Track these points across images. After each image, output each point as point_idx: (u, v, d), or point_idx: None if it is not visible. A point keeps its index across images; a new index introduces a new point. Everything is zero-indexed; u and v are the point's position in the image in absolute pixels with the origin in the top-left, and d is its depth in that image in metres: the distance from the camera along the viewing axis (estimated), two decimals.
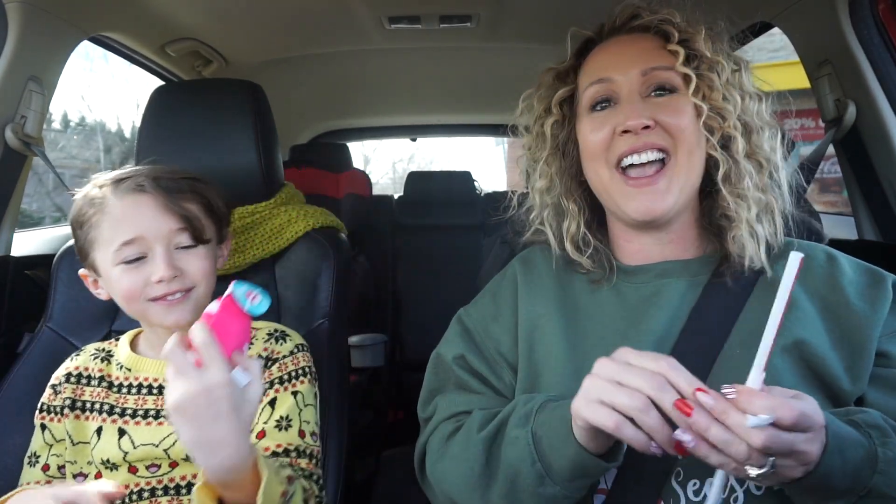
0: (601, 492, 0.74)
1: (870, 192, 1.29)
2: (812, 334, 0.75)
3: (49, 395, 0.96)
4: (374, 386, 2.25)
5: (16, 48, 1.23)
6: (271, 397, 0.92)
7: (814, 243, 0.84)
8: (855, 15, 1.20)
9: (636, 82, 0.80)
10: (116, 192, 0.89)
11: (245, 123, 1.18)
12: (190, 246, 0.91)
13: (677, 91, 0.79)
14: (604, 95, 0.82)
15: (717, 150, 0.78)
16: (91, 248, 0.90)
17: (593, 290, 0.86)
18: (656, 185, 0.78)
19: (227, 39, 1.87)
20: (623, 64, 0.81)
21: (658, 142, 0.78)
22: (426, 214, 2.83)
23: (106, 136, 5.17)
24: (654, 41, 0.81)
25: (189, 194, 0.93)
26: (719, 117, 0.78)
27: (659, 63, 0.79)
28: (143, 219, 0.88)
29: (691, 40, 0.79)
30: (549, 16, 1.68)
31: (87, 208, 0.90)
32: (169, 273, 0.87)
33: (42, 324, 1.16)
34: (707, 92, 0.78)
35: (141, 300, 0.88)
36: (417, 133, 3.50)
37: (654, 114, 0.78)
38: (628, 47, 0.83)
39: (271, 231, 1.19)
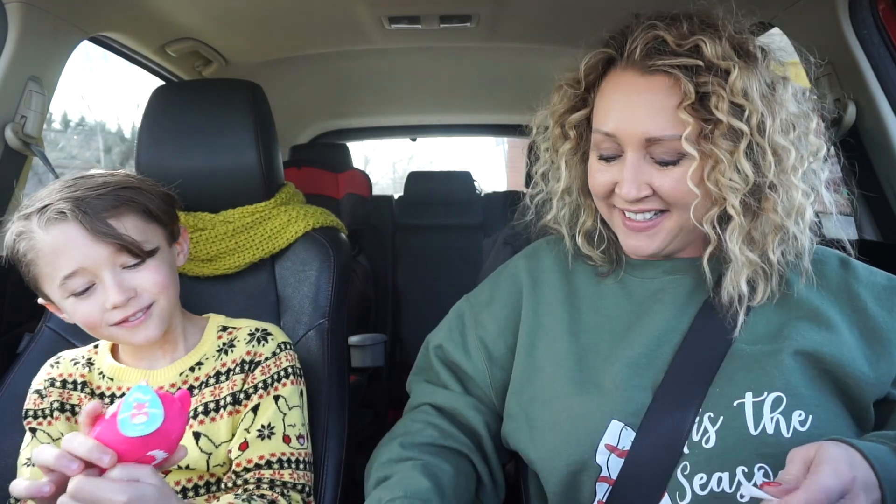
0: (604, 480, 0.74)
1: (870, 192, 1.30)
2: (829, 341, 0.75)
3: (34, 401, 0.93)
4: (374, 386, 2.24)
5: (16, 48, 1.23)
6: (255, 403, 0.92)
7: (828, 249, 0.84)
8: (855, 15, 1.20)
9: (639, 146, 0.74)
10: (40, 223, 0.82)
11: (245, 123, 1.18)
12: (136, 263, 0.85)
13: (683, 158, 0.72)
14: (609, 151, 0.78)
15: (739, 215, 0.72)
16: (37, 282, 0.85)
17: (599, 283, 0.87)
18: (650, 232, 0.78)
19: (227, 39, 1.87)
20: (629, 122, 0.73)
21: (654, 206, 0.76)
22: (426, 214, 2.83)
23: (106, 136, 5.17)
24: (670, 92, 0.71)
25: (120, 208, 0.85)
26: (723, 194, 0.71)
27: (664, 133, 0.71)
28: (75, 250, 0.81)
29: (714, 95, 0.69)
30: (549, 16, 1.67)
31: (18, 245, 0.84)
32: (122, 298, 0.82)
33: (42, 324, 1.16)
34: (715, 164, 0.71)
35: (103, 327, 0.85)
36: (417, 133, 3.50)
37: (652, 179, 0.74)
38: (639, 97, 0.73)
39: (271, 231, 1.19)
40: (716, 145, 0.70)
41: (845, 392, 0.73)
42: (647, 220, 0.77)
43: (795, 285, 0.80)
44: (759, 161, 0.71)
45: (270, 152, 1.21)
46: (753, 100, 0.69)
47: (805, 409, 0.71)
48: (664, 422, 0.73)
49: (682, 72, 0.70)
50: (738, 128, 0.69)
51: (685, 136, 0.70)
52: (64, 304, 0.85)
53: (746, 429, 0.71)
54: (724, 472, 0.70)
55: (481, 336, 0.89)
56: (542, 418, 0.79)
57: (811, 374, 0.73)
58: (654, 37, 0.73)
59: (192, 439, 0.89)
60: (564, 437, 0.76)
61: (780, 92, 0.73)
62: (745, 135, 0.69)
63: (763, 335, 0.77)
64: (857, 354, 0.74)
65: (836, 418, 0.73)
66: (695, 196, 0.72)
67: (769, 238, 0.74)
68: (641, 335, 0.79)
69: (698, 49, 0.70)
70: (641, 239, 0.78)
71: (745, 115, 0.70)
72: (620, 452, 0.74)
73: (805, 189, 0.74)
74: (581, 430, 0.75)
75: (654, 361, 0.77)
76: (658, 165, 0.74)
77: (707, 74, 0.70)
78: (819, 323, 0.76)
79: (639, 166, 0.74)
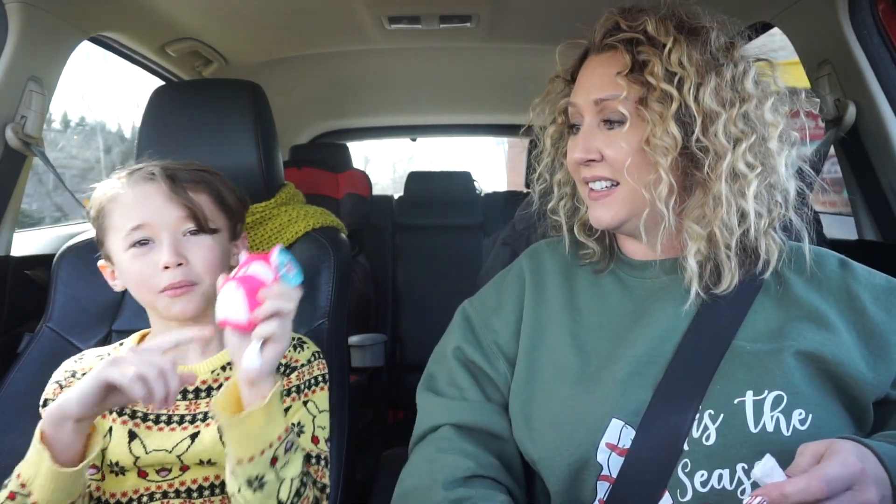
0: (605, 478, 0.74)
1: (870, 192, 1.30)
2: (829, 341, 0.75)
3: (54, 391, 0.93)
4: (374, 386, 2.25)
5: (16, 48, 1.23)
6: (287, 405, 0.93)
7: (826, 249, 0.85)
8: (855, 15, 1.20)
9: (591, 110, 0.82)
10: (129, 182, 0.93)
11: (245, 123, 1.18)
12: (195, 232, 0.92)
13: (626, 121, 0.78)
14: (574, 120, 0.86)
15: (668, 175, 0.76)
16: (105, 235, 0.94)
17: (599, 284, 0.87)
18: (604, 200, 0.82)
19: (227, 39, 1.87)
20: (584, 89, 0.83)
21: (604, 174, 0.81)
22: (426, 214, 2.83)
23: (106, 136, 5.17)
24: (618, 62, 0.80)
25: (198, 185, 0.95)
26: (656, 154, 0.76)
27: (606, 93, 0.79)
28: (150, 206, 0.91)
29: (651, 63, 0.76)
30: (550, 16, 1.68)
31: (103, 198, 0.94)
32: (174, 259, 0.88)
33: (42, 324, 1.16)
34: (651, 126, 0.76)
35: (150, 290, 0.90)
36: (417, 133, 3.50)
37: (601, 146, 0.80)
38: (595, 69, 0.83)
39: (271, 231, 1.19)
40: (649, 109, 0.77)
41: (845, 392, 0.74)
42: (602, 190, 0.82)
43: (795, 286, 0.80)
44: (689, 124, 0.75)
45: (270, 152, 1.21)
46: (686, 68, 0.76)
47: (805, 408, 0.71)
48: (664, 420, 0.73)
49: (623, 45, 0.79)
50: (669, 91, 0.75)
51: (621, 98, 0.78)
52: (122, 257, 0.91)
53: (747, 426, 0.71)
54: (724, 469, 0.70)
55: (496, 340, 0.88)
56: (542, 418, 0.79)
57: (812, 374, 0.74)
58: (611, 23, 0.83)
59: (216, 433, 0.89)
60: (565, 437, 0.76)
61: (729, 69, 0.77)
62: (674, 98, 0.75)
63: (763, 333, 0.77)
64: (856, 356, 0.74)
65: (836, 418, 0.73)
66: (628, 156, 0.78)
67: (716, 213, 0.76)
68: (643, 334, 0.79)
69: (644, 29, 0.79)
70: (600, 208, 0.82)
71: (677, 80, 0.76)
72: (621, 451, 0.74)
73: (751, 161, 0.76)
74: (581, 430, 0.75)
75: (655, 360, 0.77)
76: (606, 128, 0.81)
77: (647, 45, 0.78)
78: (819, 323, 0.76)
79: (590, 131, 0.81)
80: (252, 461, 0.77)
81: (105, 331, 1.15)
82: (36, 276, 1.34)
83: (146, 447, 0.89)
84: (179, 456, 0.88)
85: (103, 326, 1.15)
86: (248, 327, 0.75)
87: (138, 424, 0.90)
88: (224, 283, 0.78)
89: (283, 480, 0.80)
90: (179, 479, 0.90)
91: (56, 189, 3.63)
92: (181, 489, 0.90)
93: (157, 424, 0.90)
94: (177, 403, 0.91)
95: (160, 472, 0.90)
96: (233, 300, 0.75)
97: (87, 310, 1.16)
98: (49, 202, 3.71)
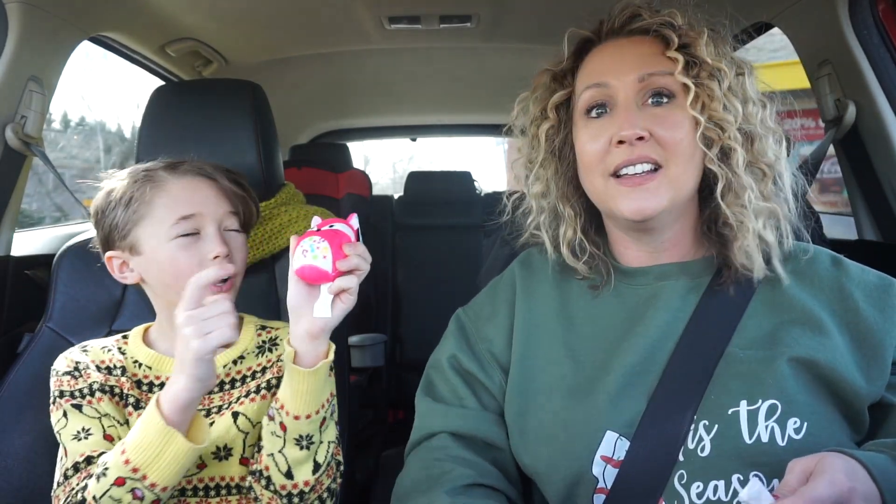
0: (601, 491, 0.74)
1: (870, 192, 1.30)
2: (822, 346, 0.74)
3: (69, 382, 0.90)
4: (374, 386, 2.25)
5: (16, 48, 1.23)
6: None
7: (820, 247, 0.83)
8: (855, 15, 1.20)
9: (632, 88, 0.77)
10: (175, 172, 0.94)
11: (245, 123, 1.18)
12: (236, 230, 0.95)
13: (674, 98, 0.77)
14: (600, 100, 0.80)
15: (714, 162, 0.76)
16: (136, 224, 0.91)
17: (591, 292, 0.86)
18: (647, 185, 0.76)
19: (227, 39, 1.87)
20: (620, 68, 0.78)
21: (651, 154, 0.76)
22: (426, 214, 2.83)
23: (106, 136, 5.17)
24: (654, 45, 0.79)
25: (236, 185, 0.98)
26: (718, 129, 0.75)
27: (657, 69, 0.77)
28: (201, 198, 0.92)
29: (692, 45, 0.76)
30: (550, 16, 1.67)
31: (139, 185, 0.92)
32: (224, 249, 0.90)
33: (42, 324, 1.16)
34: (707, 101, 0.75)
35: None
36: (417, 133, 3.50)
37: (649, 124, 0.76)
38: (626, 51, 0.80)
39: (271, 231, 1.19)
40: (702, 85, 0.75)
41: (840, 397, 0.73)
42: (643, 174, 0.76)
43: (787, 285, 0.79)
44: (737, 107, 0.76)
45: (270, 152, 1.21)
46: (725, 57, 0.77)
47: (800, 416, 0.70)
48: (658, 430, 0.72)
49: (653, 32, 0.79)
50: (720, 68, 0.75)
51: (678, 72, 0.75)
52: (163, 247, 0.90)
53: (741, 437, 0.70)
54: (719, 480, 0.69)
55: (490, 349, 0.87)
56: (537, 430, 0.78)
57: (805, 380, 0.73)
58: (631, 11, 0.81)
59: (230, 419, 0.90)
60: (559, 450, 0.75)
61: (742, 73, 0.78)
62: (726, 76, 0.75)
63: (756, 339, 0.76)
64: (849, 360, 0.73)
65: (832, 424, 0.72)
66: (695, 127, 0.75)
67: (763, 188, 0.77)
68: (636, 343, 0.78)
69: (671, 23, 0.78)
70: (642, 196, 0.76)
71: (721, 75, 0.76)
72: (616, 463, 0.73)
73: (774, 149, 0.78)
74: (576, 443, 0.74)
75: (648, 368, 0.76)
76: (652, 107, 0.77)
77: (683, 30, 0.77)
78: (811, 327, 0.75)
79: (632, 108, 0.77)
80: (309, 419, 0.81)
81: (105, 331, 1.15)
82: (36, 276, 1.34)
83: None
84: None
85: (103, 326, 1.15)
86: (331, 277, 0.78)
87: None
88: (304, 236, 0.79)
89: (323, 443, 0.84)
90: (197, 476, 0.91)
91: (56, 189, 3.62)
92: (199, 486, 0.91)
93: None
94: None
95: None
96: (318, 250, 0.78)
97: (87, 310, 1.16)
98: (49, 202, 3.71)
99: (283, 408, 0.82)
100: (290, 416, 0.81)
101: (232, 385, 0.94)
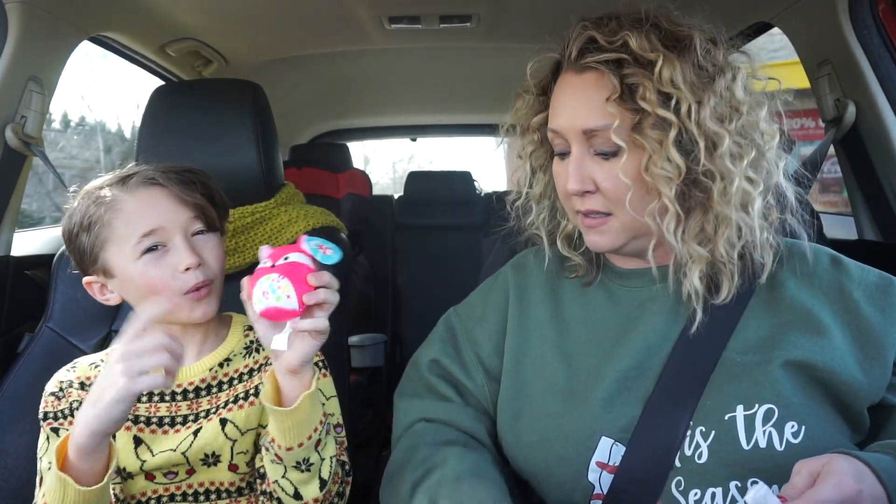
0: (597, 497, 0.73)
1: (870, 192, 1.29)
2: (820, 347, 0.73)
3: (52, 403, 0.91)
4: (374, 386, 2.24)
5: (16, 48, 1.23)
6: None
7: (819, 247, 0.82)
8: (855, 15, 1.20)
9: (580, 141, 0.75)
10: (125, 188, 0.89)
11: (245, 123, 1.18)
12: (203, 231, 0.92)
13: (618, 153, 0.73)
14: (560, 147, 0.79)
15: (673, 204, 0.72)
16: (102, 248, 0.88)
17: (586, 295, 0.85)
18: (600, 228, 0.78)
19: (227, 39, 1.87)
20: (570, 116, 0.76)
21: (597, 207, 0.76)
22: (426, 214, 2.83)
23: (106, 136, 5.18)
24: (605, 85, 0.73)
25: (193, 185, 0.94)
26: (670, 172, 0.71)
27: (598, 123, 0.73)
28: (159, 210, 0.88)
29: (641, 84, 0.70)
30: (550, 16, 1.67)
31: (94, 209, 0.88)
32: (195, 259, 0.87)
33: (42, 324, 1.16)
34: (649, 155, 0.71)
35: (171, 294, 0.87)
36: (417, 133, 3.50)
37: (596, 176, 0.75)
38: (578, 92, 0.76)
39: (271, 231, 1.19)
40: (646, 136, 0.71)
41: (838, 399, 0.72)
42: (597, 219, 0.78)
43: (787, 286, 0.78)
44: (691, 149, 0.71)
45: (270, 152, 1.21)
46: (681, 88, 0.70)
47: (797, 419, 0.69)
48: (654, 436, 0.71)
49: (608, 67, 0.72)
50: (665, 117, 0.70)
51: (614, 128, 0.71)
52: (133, 266, 0.87)
53: (738, 443, 0.69)
54: (717, 487, 0.69)
55: (477, 353, 0.87)
56: (531, 436, 0.78)
57: (802, 382, 0.72)
58: (587, 37, 0.75)
59: (218, 425, 0.89)
60: (554, 456, 0.75)
61: (720, 80, 0.72)
62: (673, 123, 0.70)
63: (754, 343, 0.75)
64: (849, 360, 0.73)
65: (830, 426, 0.71)
66: (627, 189, 0.73)
67: (719, 232, 0.73)
68: (630, 348, 0.77)
69: (626, 45, 0.72)
70: (596, 235, 0.79)
71: (674, 103, 0.70)
72: (611, 469, 0.72)
73: (753, 177, 0.73)
74: (570, 449, 0.74)
75: (644, 373, 0.75)
76: (600, 159, 0.75)
77: (634, 66, 0.71)
78: (811, 328, 0.74)
79: (581, 160, 0.76)
80: (302, 446, 0.79)
81: (105, 331, 1.15)
82: (36, 276, 1.34)
83: (152, 450, 0.89)
84: (184, 453, 0.88)
85: (103, 327, 1.15)
86: (299, 313, 0.75)
87: (143, 430, 0.90)
88: (258, 275, 0.76)
89: (324, 460, 0.83)
90: (186, 482, 0.90)
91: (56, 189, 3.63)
92: (188, 492, 0.90)
93: (161, 427, 0.90)
94: (178, 405, 0.91)
95: (167, 475, 0.90)
96: (279, 290, 0.74)
97: (87, 310, 1.16)
98: (49, 202, 3.71)
99: (274, 441, 0.80)
100: (283, 449, 0.79)
101: (219, 388, 0.93)
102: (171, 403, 0.91)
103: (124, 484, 0.90)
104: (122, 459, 0.88)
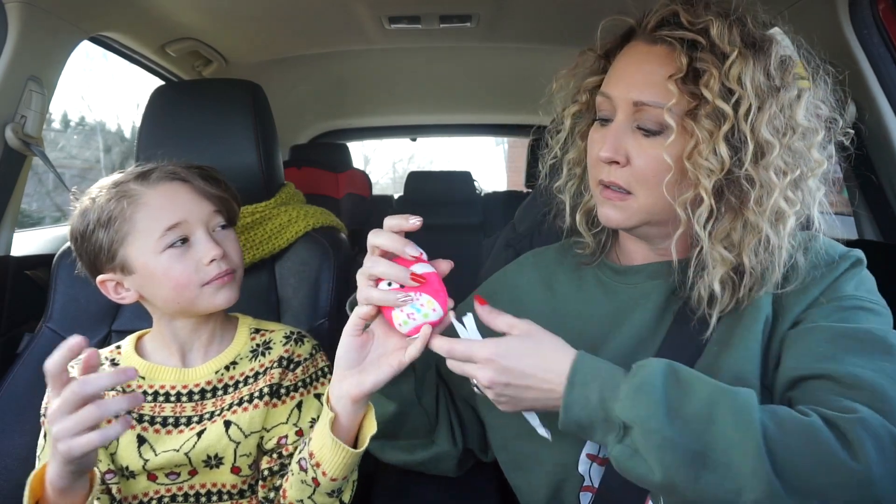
0: (588, 489, 0.74)
1: (870, 192, 1.30)
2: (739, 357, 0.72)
3: None
4: None
5: (16, 48, 1.23)
6: (297, 400, 0.93)
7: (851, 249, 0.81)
8: (855, 15, 1.20)
9: (627, 110, 0.74)
10: (147, 183, 0.90)
11: (245, 123, 1.18)
12: (225, 226, 0.94)
13: (661, 134, 0.72)
14: (605, 113, 0.78)
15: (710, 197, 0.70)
16: (122, 244, 0.87)
17: (582, 288, 0.86)
18: (616, 203, 0.76)
19: (227, 39, 1.88)
20: (625, 84, 0.74)
21: (619, 181, 0.74)
22: (426, 214, 2.79)
23: (106, 136, 5.17)
24: (674, 60, 0.71)
25: (215, 180, 0.95)
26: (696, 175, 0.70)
27: (652, 98, 0.71)
28: (182, 203, 0.89)
29: (708, 71, 0.69)
30: (550, 16, 1.68)
31: (114, 204, 0.87)
32: (219, 251, 0.88)
33: (42, 324, 1.16)
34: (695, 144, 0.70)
35: (193, 287, 0.87)
36: (417, 133, 3.51)
37: (631, 150, 0.73)
38: (642, 62, 0.74)
39: (271, 231, 1.19)
40: (698, 124, 0.70)
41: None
42: (616, 193, 0.76)
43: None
44: (739, 149, 0.70)
45: (270, 152, 1.21)
46: (746, 88, 0.69)
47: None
48: None
49: (681, 44, 0.71)
50: (723, 110, 0.69)
51: (668, 107, 0.70)
52: (156, 261, 0.87)
53: None
54: None
55: None
56: (520, 428, 0.78)
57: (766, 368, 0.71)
58: (670, 11, 0.74)
59: (222, 427, 0.89)
60: (543, 448, 0.75)
61: (786, 93, 0.71)
62: (728, 118, 0.69)
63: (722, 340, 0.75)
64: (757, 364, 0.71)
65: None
66: (668, 169, 0.71)
67: (746, 240, 0.71)
68: (621, 342, 0.78)
69: (706, 30, 0.71)
70: (611, 209, 0.77)
71: (734, 100, 0.69)
72: (602, 461, 0.73)
73: (791, 196, 0.71)
74: (560, 441, 0.74)
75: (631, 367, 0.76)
76: (642, 134, 0.73)
77: (707, 53, 0.70)
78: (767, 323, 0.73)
79: (622, 130, 0.74)
80: (345, 479, 0.80)
81: (105, 331, 1.15)
82: (36, 276, 1.34)
83: (155, 450, 0.89)
84: (187, 454, 0.88)
85: (103, 327, 1.15)
86: (445, 315, 0.75)
87: (146, 429, 0.90)
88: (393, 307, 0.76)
89: (348, 482, 0.84)
90: (188, 482, 0.90)
91: (56, 189, 3.62)
92: (190, 493, 0.90)
93: (164, 427, 0.90)
94: (183, 405, 0.91)
95: (169, 476, 0.90)
96: (423, 307, 0.75)
97: (87, 310, 1.16)
98: (49, 202, 3.71)
99: (320, 466, 0.78)
100: (327, 478, 0.78)
101: (224, 391, 0.93)
102: (175, 404, 0.91)
103: (126, 484, 0.90)
104: (125, 458, 0.88)
